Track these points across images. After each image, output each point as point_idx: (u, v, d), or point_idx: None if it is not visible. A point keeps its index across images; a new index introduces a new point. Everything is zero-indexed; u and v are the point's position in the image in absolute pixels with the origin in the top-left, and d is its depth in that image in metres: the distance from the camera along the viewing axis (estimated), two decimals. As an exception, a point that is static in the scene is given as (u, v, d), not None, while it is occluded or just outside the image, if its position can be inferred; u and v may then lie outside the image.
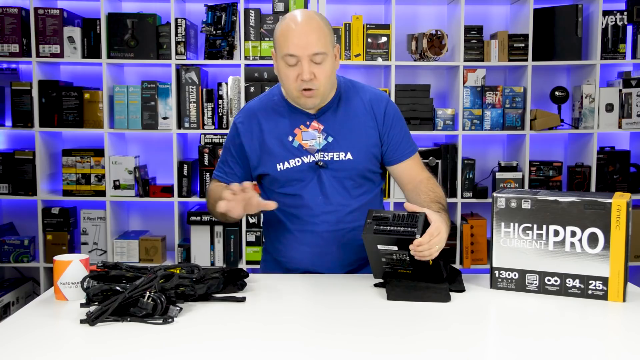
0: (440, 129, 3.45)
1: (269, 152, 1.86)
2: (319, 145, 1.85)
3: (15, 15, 3.37)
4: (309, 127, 1.86)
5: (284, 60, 1.76)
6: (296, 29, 1.73)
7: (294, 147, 1.85)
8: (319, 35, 1.74)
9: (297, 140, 1.85)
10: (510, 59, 3.44)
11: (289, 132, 1.86)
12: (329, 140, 1.85)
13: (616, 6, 3.54)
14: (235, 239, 3.46)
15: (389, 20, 3.46)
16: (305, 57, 1.73)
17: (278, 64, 1.79)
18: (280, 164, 1.85)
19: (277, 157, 1.85)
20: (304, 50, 1.73)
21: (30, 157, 3.43)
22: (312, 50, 1.73)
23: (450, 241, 3.34)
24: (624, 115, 3.48)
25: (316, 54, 1.73)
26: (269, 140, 1.86)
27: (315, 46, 1.73)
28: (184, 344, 1.30)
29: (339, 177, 1.86)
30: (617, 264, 1.57)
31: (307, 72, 1.73)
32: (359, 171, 1.88)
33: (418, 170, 1.93)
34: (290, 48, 1.73)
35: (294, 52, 1.73)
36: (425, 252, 1.62)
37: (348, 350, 1.28)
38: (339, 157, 1.85)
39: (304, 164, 1.85)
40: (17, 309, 2.71)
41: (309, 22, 1.75)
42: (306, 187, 1.86)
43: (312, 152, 1.85)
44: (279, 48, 1.77)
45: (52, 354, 1.27)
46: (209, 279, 1.60)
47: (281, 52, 1.76)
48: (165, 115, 3.42)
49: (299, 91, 1.78)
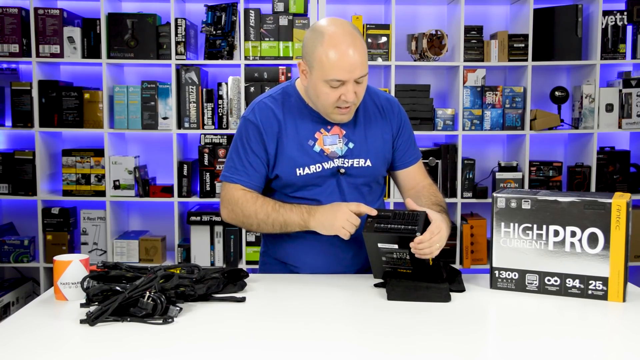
0: (440, 129, 3.45)
1: (288, 156, 1.79)
2: (341, 151, 1.82)
3: (15, 15, 3.37)
4: (330, 132, 1.82)
5: (327, 83, 1.69)
6: (346, 56, 1.66)
7: (314, 152, 1.80)
8: (364, 57, 1.69)
9: (318, 145, 1.80)
10: (510, 59, 3.44)
11: (310, 136, 1.81)
12: (349, 146, 1.82)
13: (616, 6, 3.54)
14: (235, 239, 3.46)
15: (389, 20, 3.46)
16: (351, 81, 1.69)
17: (316, 84, 1.71)
18: (300, 169, 1.79)
19: (296, 162, 1.79)
20: (351, 75, 1.68)
21: (30, 157, 3.43)
22: (359, 74, 1.68)
23: (450, 241, 3.34)
24: (624, 115, 3.48)
25: (362, 77, 1.70)
26: (288, 143, 1.79)
27: (361, 69, 1.69)
28: (184, 344, 1.30)
29: (357, 184, 1.84)
30: (617, 264, 1.57)
31: (351, 94, 1.69)
32: (375, 177, 1.88)
33: (422, 177, 1.94)
34: (339, 74, 1.67)
35: (342, 78, 1.67)
36: (425, 250, 1.62)
37: (348, 350, 1.28)
38: (358, 163, 1.83)
39: (324, 170, 1.81)
40: (17, 309, 2.71)
41: (356, 45, 1.67)
42: (324, 193, 1.82)
43: (333, 157, 1.81)
44: (324, 72, 1.68)
45: (52, 354, 1.27)
46: (209, 279, 1.60)
47: (326, 75, 1.68)
48: (165, 115, 3.42)
49: (335, 108, 1.74)
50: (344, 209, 1.71)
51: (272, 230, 1.80)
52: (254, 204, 1.79)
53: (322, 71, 1.68)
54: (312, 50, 1.70)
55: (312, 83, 1.73)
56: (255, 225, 1.81)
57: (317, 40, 1.69)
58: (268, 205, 1.79)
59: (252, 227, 1.82)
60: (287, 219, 1.76)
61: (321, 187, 1.82)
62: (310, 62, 1.72)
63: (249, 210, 1.80)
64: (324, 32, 1.69)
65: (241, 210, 1.81)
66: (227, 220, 1.86)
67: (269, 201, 1.80)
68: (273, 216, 1.77)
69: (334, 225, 1.71)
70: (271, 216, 1.77)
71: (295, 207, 1.77)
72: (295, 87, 1.85)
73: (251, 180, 1.82)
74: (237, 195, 1.81)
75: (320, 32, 1.69)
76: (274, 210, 1.78)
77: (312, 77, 1.73)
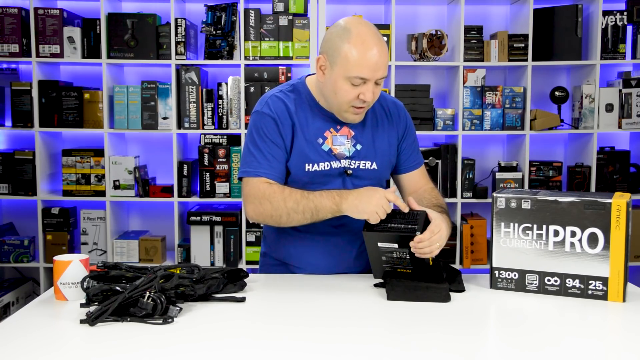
0: (440, 129, 3.45)
1: (299, 151, 1.79)
2: (348, 152, 1.82)
3: (15, 15, 3.37)
4: (339, 132, 1.82)
5: (349, 80, 1.69)
6: (372, 55, 1.67)
7: (323, 151, 1.81)
8: (387, 59, 1.71)
9: (327, 144, 1.81)
10: (510, 59, 3.44)
11: (319, 134, 1.81)
12: (357, 148, 1.83)
13: (616, 6, 3.54)
14: (235, 239, 3.46)
15: (389, 20, 3.46)
16: (372, 80, 1.70)
17: (337, 80, 1.71)
18: (309, 165, 1.79)
19: (306, 158, 1.79)
20: (374, 75, 1.69)
21: (30, 157, 3.43)
22: (381, 75, 1.70)
23: (450, 241, 3.33)
24: (623, 115, 3.48)
25: (382, 78, 1.71)
26: (300, 138, 1.79)
27: (383, 71, 1.70)
28: (184, 344, 1.30)
29: (361, 185, 1.83)
30: (617, 264, 1.57)
31: (370, 94, 1.70)
32: (380, 180, 1.88)
33: (424, 181, 1.95)
34: (363, 72, 1.67)
35: (365, 76, 1.68)
36: (425, 249, 1.62)
37: (348, 350, 1.28)
38: (365, 165, 1.84)
39: (332, 169, 1.81)
40: (17, 309, 2.71)
41: (381, 46, 1.69)
42: None
43: (340, 158, 1.82)
44: (348, 68, 1.68)
45: (52, 354, 1.27)
46: (209, 279, 1.60)
47: (350, 72, 1.68)
48: (165, 115, 3.42)
49: (351, 107, 1.74)
50: (381, 194, 1.69)
51: (303, 219, 1.74)
52: (282, 194, 1.74)
53: (345, 67, 1.68)
54: (337, 45, 1.69)
55: (331, 79, 1.73)
56: (285, 216, 1.74)
57: (344, 37, 1.69)
58: (296, 193, 1.74)
59: (282, 219, 1.75)
60: (317, 205, 1.71)
61: (326, 186, 1.81)
62: (332, 58, 1.71)
63: (277, 202, 1.74)
64: (351, 29, 1.69)
65: (269, 203, 1.75)
66: (253, 217, 1.79)
67: (296, 190, 1.75)
68: (303, 203, 1.72)
69: (367, 209, 1.68)
70: (301, 203, 1.72)
71: (325, 192, 1.74)
72: (306, 85, 1.85)
73: (274, 172, 1.78)
74: (263, 188, 1.76)
75: (348, 29, 1.69)
76: (304, 197, 1.72)
77: (332, 72, 1.72)
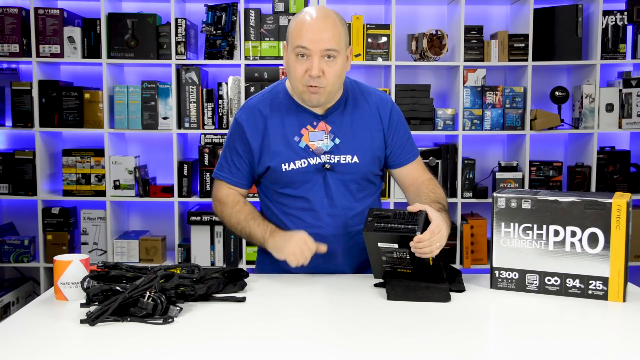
0: (441, 129, 3.45)
1: (274, 152, 1.82)
2: (326, 147, 1.83)
3: (15, 15, 3.37)
4: (316, 128, 1.84)
5: (294, 52, 1.74)
6: (311, 23, 1.72)
7: (300, 148, 1.82)
8: (334, 32, 1.73)
9: (303, 141, 1.83)
10: (510, 59, 3.43)
11: (296, 132, 1.83)
12: (336, 142, 1.83)
13: (616, 6, 3.54)
14: (236, 239, 3.46)
15: (389, 20, 3.46)
16: (316, 52, 1.71)
17: (288, 57, 1.77)
18: (286, 164, 1.82)
19: (282, 157, 1.82)
20: (316, 45, 1.71)
21: (30, 157, 3.43)
22: (324, 46, 1.71)
23: (450, 241, 3.33)
24: (624, 115, 3.48)
25: (328, 50, 1.72)
26: (274, 139, 1.83)
27: (327, 42, 1.71)
28: (184, 344, 1.30)
29: (344, 180, 1.85)
30: (617, 264, 1.57)
31: (316, 68, 1.72)
32: (364, 174, 1.87)
33: (420, 173, 1.94)
34: (303, 40, 1.71)
35: (306, 45, 1.71)
36: (425, 249, 1.62)
37: (348, 350, 1.28)
38: (345, 160, 1.84)
39: (310, 166, 1.82)
40: (17, 309, 2.72)
41: (325, 18, 1.74)
42: (311, 190, 1.84)
43: (318, 153, 1.83)
44: (292, 39, 1.75)
45: (52, 354, 1.27)
46: (209, 279, 1.60)
47: (293, 43, 1.74)
48: (165, 115, 3.42)
49: (304, 86, 1.76)
50: (302, 236, 1.75)
51: (243, 235, 1.89)
52: (232, 208, 1.89)
53: (291, 40, 1.75)
54: (289, 26, 1.79)
55: (285, 59, 1.80)
56: (229, 227, 1.92)
57: (294, 16, 1.79)
58: (242, 213, 1.87)
59: (230, 227, 1.92)
60: (251, 232, 1.85)
61: (308, 183, 1.84)
62: (287, 38, 1.80)
63: (226, 212, 1.90)
64: (302, 9, 1.80)
65: (221, 210, 1.92)
66: (215, 214, 1.97)
67: (246, 210, 1.88)
68: (242, 225, 1.86)
69: (284, 250, 1.75)
70: (240, 224, 1.87)
71: (263, 225, 1.84)
72: (284, 85, 1.89)
73: (235, 178, 1.90)
74: (222, 194, 1.92)
75: (300, 11, 1.80)
76: (245, 220, 1.86)
77: (286, 53, 1.80)
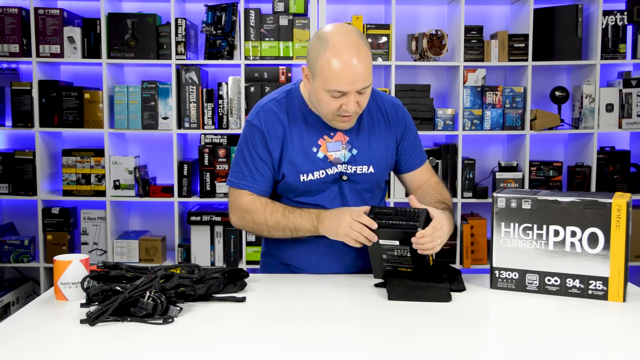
0: (441, 129, 3.45)
1: (292, 162, 1.78)
2: (344, 157, 1.81)
3: (16, 15, 3.37)
4: (333, 138, 1.81)
5: (328, 93, 1.66)
6: (349, 67, 1.62)
7: (318, 159, 1.79)
8: (368, 68, 1.65)
9: (322, 152, 1.79)
10: (510, 59, 3.43)
11: (313, 142, 1.79)
12: (353, 153, 1.81)
13: (616, 6, 3.54)
14: (236, 239, 3.46)
15: (389, 20, 3.46)
16: (353, 92, 1.66)
17: (318, 92, 1.69)
18: (304, 175, 1.78)
19: (301, 168, 1.78)
20: (353, 87, 1.64)
21: (30, 157, 3.43)
22: (361, 86, 1.65)
23: (450, 241, 3.33)
24: (624, 115, 3.48)
25: (364, 88, 1.67)
26: (293, 149, 1.78)
27: (364, 81, 1.65)
28: (184, 344, 1.30)
29: (359, 189, 1.84)
30: (617, 264, 1.57)
31: (353, 105, 1.67)
32: (378, 182, 1.88)
33: (428, 176, 1.95)
34: (340, 85, 1.64)
35: (343, 90, 1.64)
36: (427, 245, 1.63)
37: (349, 350, 1.28)
38: (362, 170, 1.82)
39: (328, 176, 1.80)
40: (17, 309, 2.71)
41: (358, 54, 1.63)
42: (327, 199, 1.82)
43: (336, 164, 1.80)
44: (325, 81, 1.65)
45: (52, 354, 1.27)
46: (209, 279, 1.60)
47: (328, 86, 1.65)
48: (166, 115, 3.42)
49: (336, 116, 1.72)
50: (347, 217, 1.70)
51: (283, 236, 1.80)
52: (264, 211, 1.79)
53: (323, 80, 1.65)
54: (315, 57, 1.67)
55: (314, 90, 1.71)
56: (267, 232, 1.81)
57: (321, 48, 1.65)
58: (277, 212, 1.78)
59: (263, 233, 1.83)
60: (297, 226, 1.77)
61: (324, 192, 1.82)
62: (313, 69, 1.69)
63: (259, 218, 1.79)
64: (328, 39, 1.65)
65: (251, 218, 1.81)
66: (237, 226, 1.86)
67: (279, 207, 1.79)
68: (283, 223, 1.78)
69: (337, 233, 1.73)
70: (281, 223, 1.78)
71: (305, 213, 1.77)
72: (299, 91, 1.83)
73: (258, 186, 1.81)
74: (246, 202, 1.81)
75: (325, 40, 1.65)
76: (284, 217, 1.78)
77: (314, 84, 1.70)
